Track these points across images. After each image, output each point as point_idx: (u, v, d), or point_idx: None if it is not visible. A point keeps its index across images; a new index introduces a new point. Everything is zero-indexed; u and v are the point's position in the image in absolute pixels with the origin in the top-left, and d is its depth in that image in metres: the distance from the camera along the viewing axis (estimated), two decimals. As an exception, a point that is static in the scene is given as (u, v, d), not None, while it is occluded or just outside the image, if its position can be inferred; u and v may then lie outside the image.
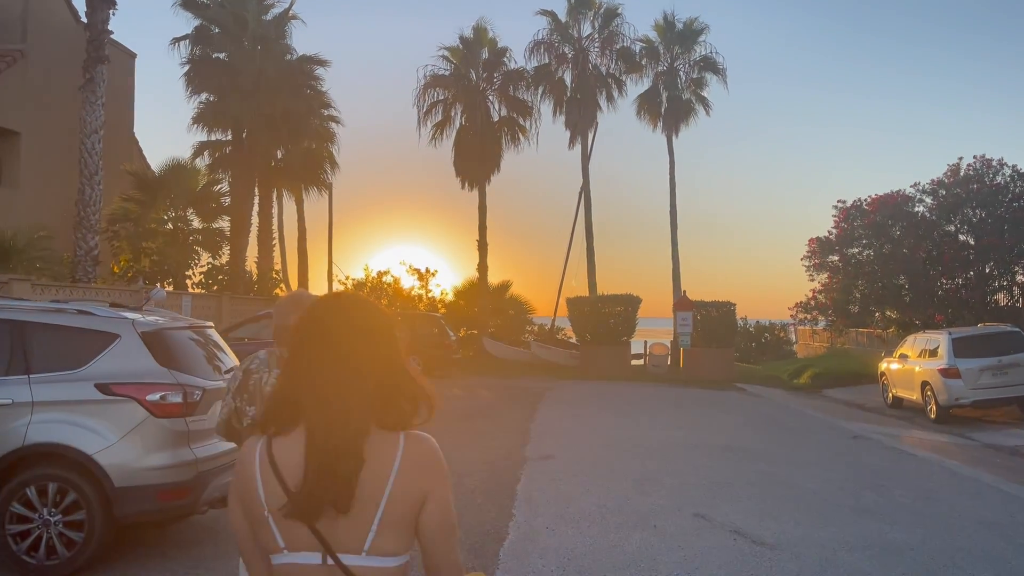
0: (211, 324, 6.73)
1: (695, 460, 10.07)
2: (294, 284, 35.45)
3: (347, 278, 32.17)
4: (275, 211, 29.92)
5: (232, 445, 5.95)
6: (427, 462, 1.55)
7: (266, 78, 22.50)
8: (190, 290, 22.47)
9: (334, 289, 31.74)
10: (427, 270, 32.46)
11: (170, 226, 20.82)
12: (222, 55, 23.22)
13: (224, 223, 23.48)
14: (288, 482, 1.49)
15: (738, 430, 13.17)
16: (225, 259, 23.98)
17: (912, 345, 17.38)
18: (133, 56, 25.06)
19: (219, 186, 22.96)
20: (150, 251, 20.35)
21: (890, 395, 18.08)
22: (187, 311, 19.35)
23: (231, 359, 6.55)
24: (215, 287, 23.11)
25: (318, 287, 33.15)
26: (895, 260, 25.55)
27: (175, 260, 20.96)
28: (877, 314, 27.19)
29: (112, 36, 16.65)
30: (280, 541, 1.51)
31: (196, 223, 22.43)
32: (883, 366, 18.82)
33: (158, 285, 18.51)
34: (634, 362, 26.87)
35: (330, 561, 1.48)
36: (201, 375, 5.79)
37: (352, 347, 1.55)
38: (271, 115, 22.92)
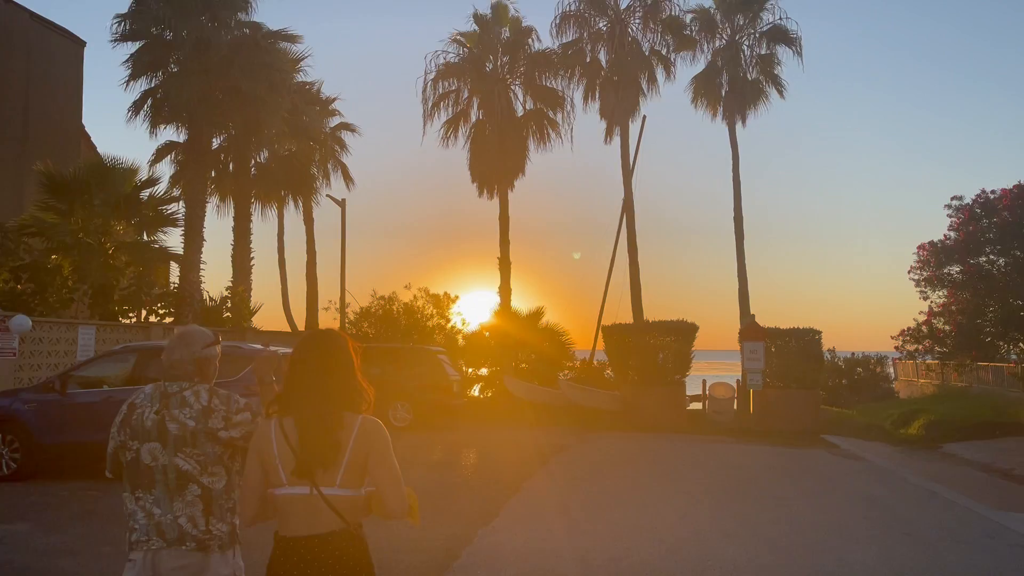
0: None
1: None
2: (299, 316, 31.18)
3: (347, 306, 27.44)
4: (261, 228, 25.68)
5: None
6: (371, 433, 2.54)
7: (214, 52, 18.04)
8: (121, 319, 18.11)
9: (345, 320, 27.28)
10: (446, 295, 27.52)
11: (82, 237, 16.40)
12: (162, 30, 18.86)
13: (169, 237, 19.13)
14: (292, 448, 2.49)
15: (832, 537, 7.72)
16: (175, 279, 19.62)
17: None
18: (82, 44, 21.47)
19: (157, 188, 18.36)
20: (58, 268, 16.03)
21: (1052, 459, 12.74)
22: (87, 347, 14.90)
23: None
24: (159, 315, 18.70)
25: (325, 316, 28.84)
26: (1038, 271, 19.12)
27: (94, 281, 16.60)
28: (1022, 342, 20.20)
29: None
30: (284, 479, 2.48)
31: (134, 236, 18.09)
32: (1038, 416, 13.34)
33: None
34: (692, 405, 21.36)
35: (314, 491, 2.45)
36: None
37: (324, 366, 2.60)
38: (223, 101, 18.47)
